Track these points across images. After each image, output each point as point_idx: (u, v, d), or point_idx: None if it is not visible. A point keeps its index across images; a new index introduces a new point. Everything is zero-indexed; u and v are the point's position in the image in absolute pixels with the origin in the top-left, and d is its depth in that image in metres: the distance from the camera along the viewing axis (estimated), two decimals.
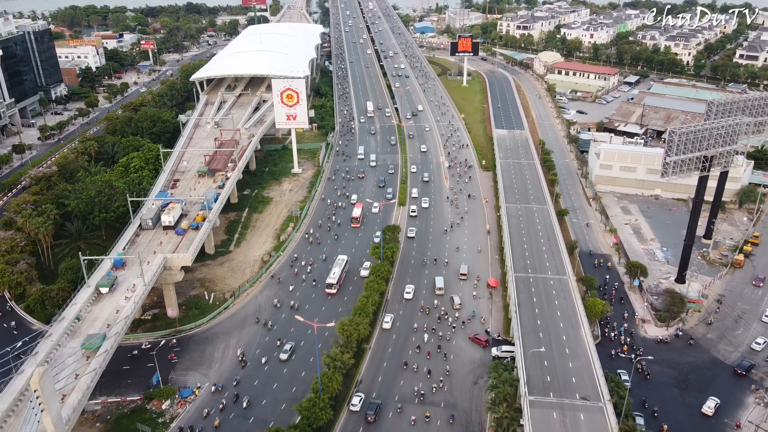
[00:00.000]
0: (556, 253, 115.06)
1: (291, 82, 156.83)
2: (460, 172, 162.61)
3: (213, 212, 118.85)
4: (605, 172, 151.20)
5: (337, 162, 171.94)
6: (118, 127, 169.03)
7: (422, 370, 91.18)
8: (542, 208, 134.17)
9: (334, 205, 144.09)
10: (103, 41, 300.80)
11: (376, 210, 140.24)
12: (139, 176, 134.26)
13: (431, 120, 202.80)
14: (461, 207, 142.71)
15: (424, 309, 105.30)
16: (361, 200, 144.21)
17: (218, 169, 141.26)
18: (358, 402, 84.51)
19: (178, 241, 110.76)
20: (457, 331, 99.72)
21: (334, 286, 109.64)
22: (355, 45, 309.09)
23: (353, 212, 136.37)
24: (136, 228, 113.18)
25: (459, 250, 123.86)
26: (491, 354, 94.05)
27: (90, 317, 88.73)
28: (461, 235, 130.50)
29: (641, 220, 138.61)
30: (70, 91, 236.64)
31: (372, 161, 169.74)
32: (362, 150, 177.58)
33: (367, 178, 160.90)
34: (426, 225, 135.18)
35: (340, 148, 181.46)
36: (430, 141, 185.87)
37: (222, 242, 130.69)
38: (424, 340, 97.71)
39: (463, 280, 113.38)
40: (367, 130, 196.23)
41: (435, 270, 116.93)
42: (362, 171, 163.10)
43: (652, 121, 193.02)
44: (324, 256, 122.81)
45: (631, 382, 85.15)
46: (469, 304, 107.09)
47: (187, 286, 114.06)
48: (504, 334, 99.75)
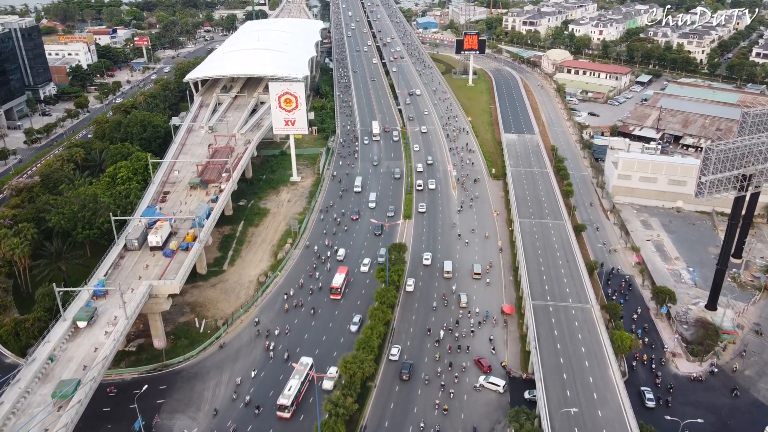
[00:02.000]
0: (577, 276, 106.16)
1: (289, 85, 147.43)
2: (466, 181, 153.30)
3: (204, 231, 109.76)
4: (623, 182, 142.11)
5: (332, 195, 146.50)
6: (106, 131, 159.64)
7: (433, 415, 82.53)
8: (558, 224, 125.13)
9: (319, 257, 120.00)
10: (96, 37, 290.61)
11: (366, 268, 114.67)
12: (126, 188, 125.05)
13: (437, 123, 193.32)
14: (470, 220, 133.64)
15: (432, 332, 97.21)
16: (350, 259, 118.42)
17: (211, 180, 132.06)
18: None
19: (166, 264, 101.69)
20: (471, 365, 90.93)
21: (287, 409, 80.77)
22: (359, 54, 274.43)
23: (334, 280, 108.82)
24: (120, 249, 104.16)
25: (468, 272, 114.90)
26: (523, 397, 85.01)
27: (65, 357, 79.91)
28: (471, 253, 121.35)
29: (664, 235, 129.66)
30: (60, 91, 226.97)
31: (371, 201, 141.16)
32: (360, 182, 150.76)
33: (362, 220, 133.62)
34: (434, 243, 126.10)
35: (338, 173, 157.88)
36: (436, 146, 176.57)
37: (215, 260, 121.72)
38: (436, 374, 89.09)
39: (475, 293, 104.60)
40: (369, 158, 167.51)
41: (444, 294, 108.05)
42: (356, 212, 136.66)
43: (668, 125, 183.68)
44: (296, 335, 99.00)
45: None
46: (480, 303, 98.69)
47: (177, 312, 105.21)
48: (522, 370, 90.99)
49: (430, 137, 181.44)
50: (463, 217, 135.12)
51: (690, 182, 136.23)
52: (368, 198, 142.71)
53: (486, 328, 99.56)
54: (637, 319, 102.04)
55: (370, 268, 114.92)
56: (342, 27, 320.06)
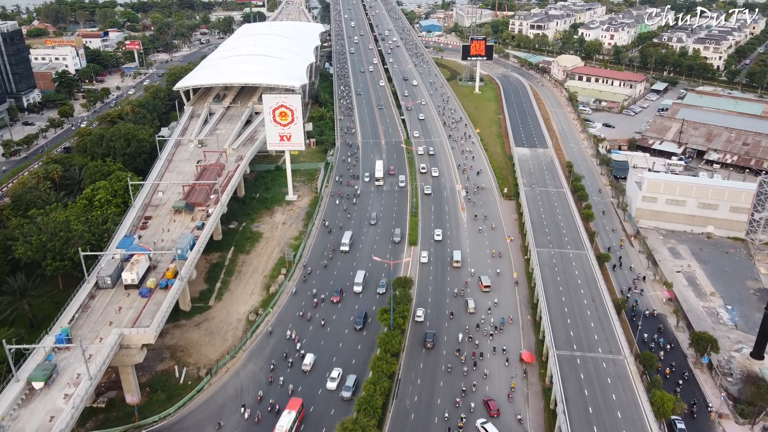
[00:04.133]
0: (605, 319, 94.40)
1: (284, 98, 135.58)
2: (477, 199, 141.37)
3: (187, 266, 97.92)
4: (648, 205, 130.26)
5: (317, 253, 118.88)
6: (87, 146, 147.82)
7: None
8: (580, 255, 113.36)
9: (285, 357, 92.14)
10: (86, 41, 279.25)
11: (333, 384, 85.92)
12: (102, 213, 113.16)
13: (443, 135, 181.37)
14: (481, 248, 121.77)
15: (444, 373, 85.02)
16: (316, 370, 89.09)
17: (198, 203, 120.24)
18: None
19: (141, 306, 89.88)
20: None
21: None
22: (364, 74, 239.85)
23: (280, 420, 76.54)
24: (91, 288, 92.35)
25: (479, 309, 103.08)
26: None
27: (14, 428, 68.21)
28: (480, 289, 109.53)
29: (695, 266, 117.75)
30: (45, 98, 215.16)
31: (357, 283, 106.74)
32: (348, 239, 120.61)
33: (345, 305, 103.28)
34: (441, 281, 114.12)
35: (330, 222, 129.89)
36: (443, 161, 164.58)
37: (201, 294, 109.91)
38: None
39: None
40: (367, 214, 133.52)
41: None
42: (338, 291, 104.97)
43: (691, 138, 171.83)
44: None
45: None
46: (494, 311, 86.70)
47: (154, 358, 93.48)
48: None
49: (437, 157, 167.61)
50: (474, 245, 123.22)
51: (722, 206, 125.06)
52: (356, 281, 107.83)
53: (504, 370, 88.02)
54: (675, 369, 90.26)
55: (339, 384, 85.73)
56: (344, 38, 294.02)
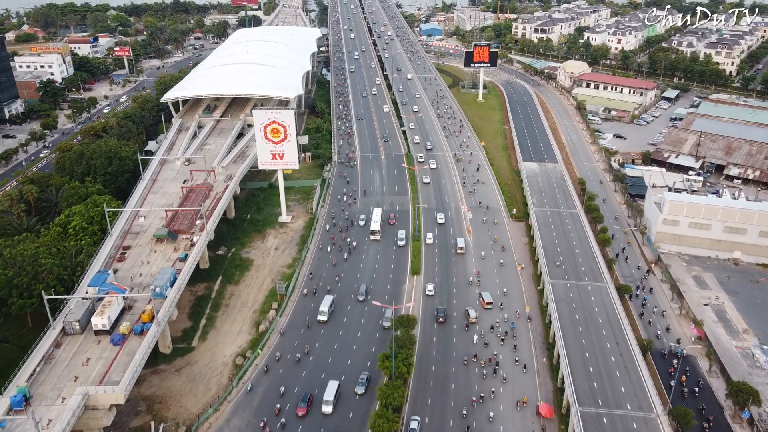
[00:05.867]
0: (631, 367, 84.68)
1: (276, 113, 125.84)
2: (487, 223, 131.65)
3: (165, 307, 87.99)
4: (670, 228, 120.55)
5: (293, 333, 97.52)
6: (66, 164, 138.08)
7: None
8: (599, 287, 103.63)
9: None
10: (75, 47, 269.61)
11: None
12: (76, 244, 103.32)
13: (445, 149, 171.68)
14: (490, 278, 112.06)
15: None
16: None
17: (182, 231, 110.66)
18: None
19: (113, 356, 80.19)
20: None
21: None
22: (366, 99, 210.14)
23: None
24: (57, 334, 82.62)
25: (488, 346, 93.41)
26: None
27: None
28: (492, 317, 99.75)
29: (723, 297, 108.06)
30: (28, 108, 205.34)
31: (327, 401, 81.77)
32: (327, 306, 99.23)
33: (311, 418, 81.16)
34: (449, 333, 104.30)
35: (309, 290, 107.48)
36: (447, 180, 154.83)
37: (183, 333, 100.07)
38: None
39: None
40: (354, 287, 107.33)
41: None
42: (305, 400, 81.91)
43: (709, 152, 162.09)
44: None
45: None
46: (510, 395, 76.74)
47: (128, 412, 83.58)
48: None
49: (441, 174, 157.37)
50: (482, 275, 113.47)
51: (751, 230, 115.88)
52: (324, 395, 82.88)
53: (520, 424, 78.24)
54: (713, 424, 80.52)
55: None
56: (342, 52, 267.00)
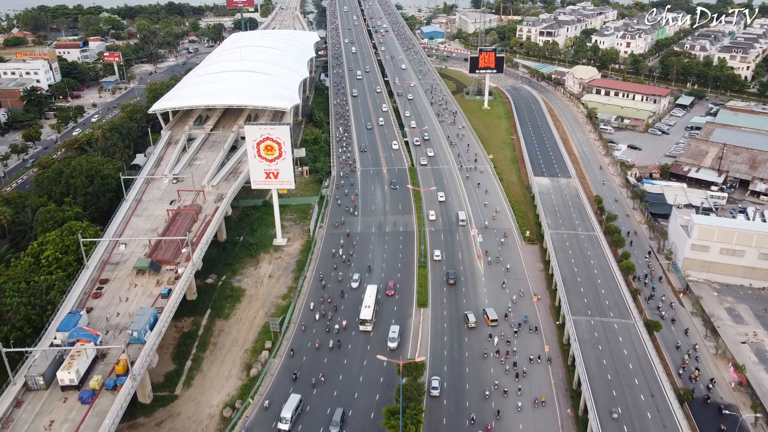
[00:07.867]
0: (669, 423, 74.83)
1: (270, 129, 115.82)
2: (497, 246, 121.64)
3: (143, 356, 78.03)
4: (699, 254, 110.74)
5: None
6: (44, 183, 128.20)
7: None
8: (626, 325, 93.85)
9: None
10: (63, 51, 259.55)
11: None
12: (47, 279, 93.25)
13: (451, 161, 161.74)
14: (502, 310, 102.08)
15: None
16: None
17: (166, 261, 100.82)
18: None
19: (80, 417, 70.33)
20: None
21: None
22: (372, 131, 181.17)
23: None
24: (19, 390, 72.69)
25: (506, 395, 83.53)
26: None
27: None
28: (501, 369, 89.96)
29: (762, 334, 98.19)
30: (11, 118, 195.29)
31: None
32: (291, 409, 77.96)
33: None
34: (458, 346, 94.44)
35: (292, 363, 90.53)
36: (451, 188, 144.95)
37: (166, 378, 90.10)
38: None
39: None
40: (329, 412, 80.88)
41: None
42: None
43: (732, 165, 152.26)
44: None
45: None
46: None
47: None
48: None
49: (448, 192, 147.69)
50: (494, 306, 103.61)
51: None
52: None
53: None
54: None
55: None
56: (344, 70, 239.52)
